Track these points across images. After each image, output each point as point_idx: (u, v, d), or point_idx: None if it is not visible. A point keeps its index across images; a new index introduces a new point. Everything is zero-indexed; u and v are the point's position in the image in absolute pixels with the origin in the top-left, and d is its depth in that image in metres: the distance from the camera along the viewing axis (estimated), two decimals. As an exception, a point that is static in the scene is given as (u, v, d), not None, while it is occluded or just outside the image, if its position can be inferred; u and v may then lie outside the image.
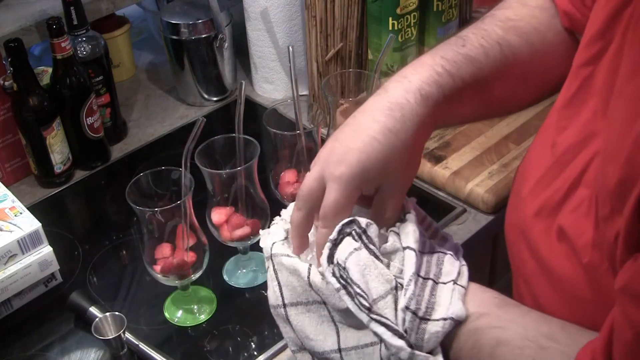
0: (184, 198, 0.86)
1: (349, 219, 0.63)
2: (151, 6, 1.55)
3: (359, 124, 0.65)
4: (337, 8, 1.20)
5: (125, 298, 1.00)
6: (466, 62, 0.69)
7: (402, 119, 0.64)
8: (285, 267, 0.65)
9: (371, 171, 0.63)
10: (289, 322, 0.66)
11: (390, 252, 0.64)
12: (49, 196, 1.19)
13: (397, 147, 0.63)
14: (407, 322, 0.61)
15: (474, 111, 0.75)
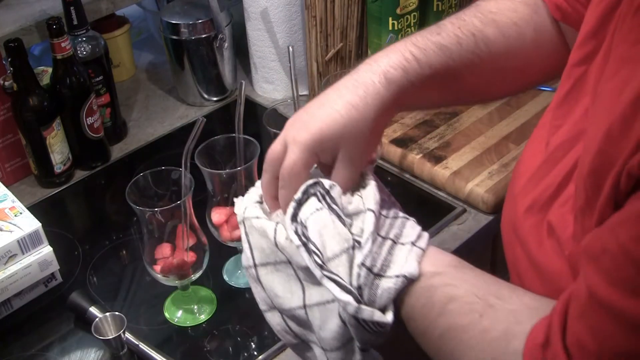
0: (184, 198, 0.86)
1: (314, 180, 0.67)
2: (151, 6, 1.55)
3: (327, 98, 0.70)
4: (337, 8, 1.20)
5: (125, 298, 1.00)
6: (436, 50, 0.72)
7: (365, 97, 0.68)
8: (255, 229, 0.69)
9: (329, 140, 0.67)
10: (260, 282, 0.70)
11: (353, 214, 0.67)
12: (49, 196, 1.19)
13: (356, 121, 0.68)
14: (361, 278, 0.63)
15: (444, 97, 0.77)
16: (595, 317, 0.51)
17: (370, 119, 0.68)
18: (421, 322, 0.65)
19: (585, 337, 0.51)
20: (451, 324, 0.62)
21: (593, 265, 0.51)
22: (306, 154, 0.67)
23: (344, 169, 0.69)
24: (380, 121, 0.69)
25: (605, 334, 0.50)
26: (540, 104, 1.26)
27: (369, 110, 0.68)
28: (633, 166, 0.48)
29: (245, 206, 0.71)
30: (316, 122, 0.68)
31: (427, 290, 0.64)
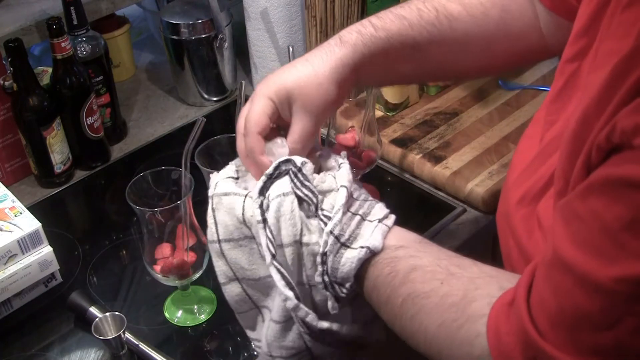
0: (184, 198, 0.86)
1: (286, 157, 0.71)
2: (151, 6, 1.55)
3: (291, 63, 0.76)
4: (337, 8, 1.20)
5: (125, 298, 1.00)
6: (394, 19, 0.77)
7: (320, 55, 0.74)
8: (223, 205, 0.72)
9: (283, 89, 0.73)
10: (224, 256, 0.73)
11: (325, 191, 0.70)
12: (49, 196, 1.19)
13: (309, 74, 0.73)
14: (328, 245, 0.67)
15: (407, 69, 0.81)
16: (558, 277, 0.53)
17: (322, 73, 0.73)
18: (384, 291, 0.67)
19: (547, 296, 0.53)
20: (413, 290, 0.64)
21: (562, 229, 0.53)
22: (263, 101, 0.73)
23: (299, 120, 0.73)
24: (336, 79, 0.73)
25: (566, 294, 0.52)
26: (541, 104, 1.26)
27: (322, 66, 0.73)
28: (601, 139, 0.50)
29: (216, 181, 0.74)
30: (275, 78, 0.74)
31: (391, 261, 0.67)
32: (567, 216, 0.53)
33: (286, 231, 0.69)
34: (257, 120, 0.73)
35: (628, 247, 0.47)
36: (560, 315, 0.52)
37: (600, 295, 0.49)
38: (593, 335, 0.51)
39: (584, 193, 0.51)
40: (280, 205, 0.68)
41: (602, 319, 0.50)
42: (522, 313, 0.55)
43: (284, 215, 0.68)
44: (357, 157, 1.06)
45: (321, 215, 0.69)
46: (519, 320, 0.55)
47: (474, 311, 0.60)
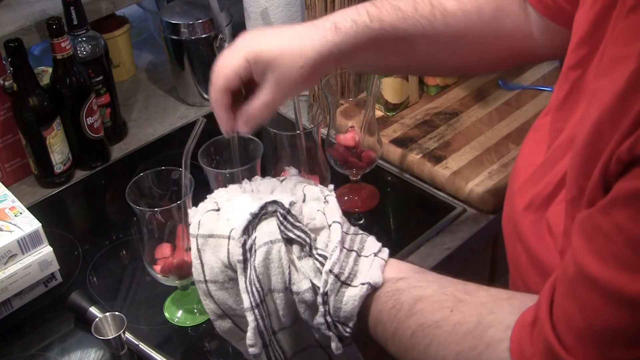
0: (184, 198, 0.86)
1: (273, 198, 0.70)
2: (151, 6, 1.55)
3: (281, 30, 0.76)
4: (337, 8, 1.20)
5: (125, 298, 1.00)
6: (390, 10, 0.77)
7: (310, 35, 0.74)
8: (209, 246, 0.71)
9: (263, 55, 0.73)
10: (211, 296, 0.73)
11: (318, 229, 0.70)
12: (49, 196, 1.19)
13: (294, 52, 0.72)
14: (329, 284, 0.66)
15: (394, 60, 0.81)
16: (584, 295, 0.52)
17: (307, 56, 0.73)
18: (390, 325, 0.65)
19: (572, 313, 0.53)
20: (423, 321, 0.63)
21: (584, 244, 0.52)
22: (239, 60, 0.73)
23: (269, 90, 0.73)
24: (318, 63, 0.73)
25: (595, 311, 0.51)
26: (541, 104, 1.26)
27: (309, 49, 0.73)
28: (622, 151, 0.49)
29: (199, 220, 0.73)
30: (260, 38, 0.75)
31: (394, 294, 0.66)
32: (588, 231, 0.52)
33: (276, 278, 0.69)
34: (227, 75, 0.74)
35: None
36: (589, 331, 0.51)
37: (632, 309, 0.49)
38: (625, 350, 0.50)
39: (607, 207, 0.50)
40: (268, 253, 0.68)
41: (635, 334, 0.49)
42: (546, 331, 0.54)
43: (273, 263, 0.68)
44: (357, 157, 1.06)
45: (316, 254, 0.68)
46: (544, 340, 0.54)
47: (492, 337, 0.58)
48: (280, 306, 0.70)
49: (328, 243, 0.69)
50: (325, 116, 1.10)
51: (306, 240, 0.69)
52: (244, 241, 0.69)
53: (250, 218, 0.69)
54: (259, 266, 0.68)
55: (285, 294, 0.69)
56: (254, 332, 0.69)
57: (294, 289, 0.69)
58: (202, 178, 0.92)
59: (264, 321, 0.69)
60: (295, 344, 0.74)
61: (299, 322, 0.72)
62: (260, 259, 0.68)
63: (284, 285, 0.69)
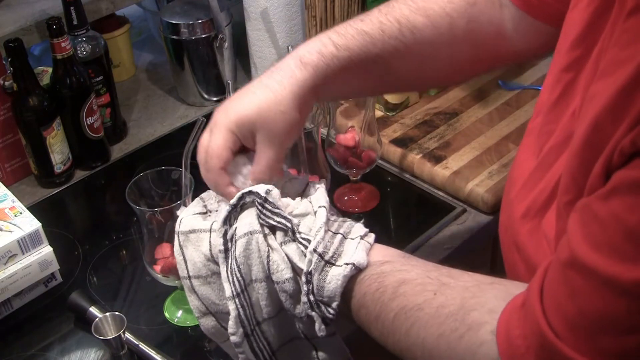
0: (184, 198, 0.86)
1: (249, 188, 0.70)
2: (151, 6, 1.55)
3: (250, 85, 0.74)
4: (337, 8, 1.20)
5: (125, 298, 1.00)
6: (356, 35, 0.75)
7: (280, 79, 0.72)
8: (190, 242, 0.72)
9: (245, 119, 0.71)
10: (195, 292, 0.73)
11: (301, 214, 0.70)
12: (49, 196, 1.19)
13: (271, 102, 0.71)
14: (313, 263, 0.66)
15: (370, 83, 0.80)
16: (576, 281, 0.52)
17: (285, 100, 0.71)
18: (373, 308, 0.66)
19: (563, 299, 0.53)
20: (405, 304, 0.63)
21: (580, 232, 0.52)
22: (225, 135, 0.72)
23: (264, 149, 0.72)
24: (297, 104, 0.72)
25: (587, 297, 0.51)
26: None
27: (284, 92, 0.71)
28: (625, 144, 0.49)
29: (181, 218, 0.74)
30: (235, 106, 0.73)
31: (378, 276, 0.66)
32: (585, 219, 0.52)
33: (257, 267, 0.69)
34: (219, 154, 0.72)
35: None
36: (580, 318, 0.52)
37: (625, 298, 0.49)
38: (617, 339, 0.50)
39: (605, 196, 0.50)
40: (248, 244, 0.68)
41: (627, 322, 0.49)
42: (537, 315, 0.54)
43: (253, 253, 0.69)
44: (357, 157, 1.06)
45: (299, 238, 0.68)
46: (533, 322, 0.54)
47: (474, 320, 0.59)
48: (263, 296, 0.70)
49: (312, 227, 0.69)
50: (325, 116, 1.10)
51: (287, 226, 0.69)
52: (225, 231, 0.69)
53: (230, 209, 0.70)
54: (239, 256, 0.69)
55: (267, 283, 0.69)
56: (235, 321, 0.69)
57: (274, 278, 0.69)
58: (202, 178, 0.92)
59: (245, 311, 0.70)
60: (280, 336, 0.74)
61: (283, 313, 0.72)
62: (240, 249, 0.68)
63: (265, 275, 0.69)
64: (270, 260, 0.69)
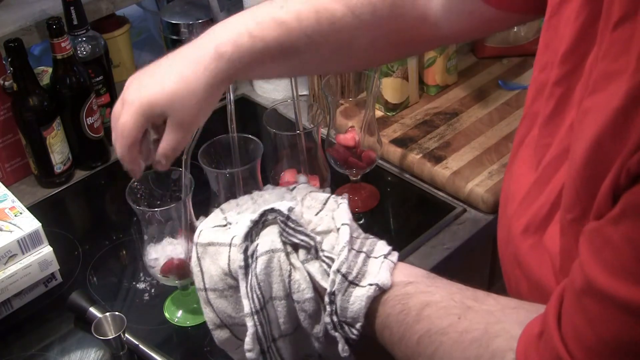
0: (184, 198, 0.86)
1: (271, 205, 0.70)
2: (151, 6, 1.55)
3: (167, 62, 0.76)
4: (337, 8, 1.19)
5: (125, 298, 1.00)
6: (273, 25, 0.76)
7: (195, 69, 0.74)
8: (208, 254, 0.72)
9: (157, 104, 0.73)
10: (210, 304, 0.73)
11: (324, 232, 0.70)
12: (49, 196, 1.19)
13: (184, 91, 0.73)
14: (336, 284, 0.66)
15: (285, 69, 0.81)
16: (594, 307, 0.51)
17: (199, 91, 0.73)
18: (397, 330, 0.65)
19: (583, 328, 0.52)
20: (429, 327, 0.62)
21: (593, 257, 0.51)
22: (136, 117, 0.73)
23: (172, 133, 0.75)
24: (210, 92, 0.74)
25: (605, 324, 0.50)
26: (540, 104, 1.26)
27: (198, 83, 0.73)
28: (632, 164, 0.48)
29: (200, 230, 0.74)
30: (149, 89, 0.74)
31: (402, 298, 0.65)
32: (597, 244, 0.51)
33: (277, 285, 0.69)
34: (129, 134, 0.74)
35: None
36: (599, 344, 0.51)
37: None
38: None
39: (616, 219, 0.50)
40: (270, 261, 0.68)
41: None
42: (556, 344, 0.53)
43: (274, 271, 0.69)
44: (357, 157, 1.06)
45: (322, 256, 0.68)
46: (552, 352, 0.53)
47: (498, 347, 0.58)
48: (282, 314, 0.70)
49: (335, 245, 0.68)
50: (325, 116, 1.10)
51: (310, 244, 0.68)
52: (246, 247, 0.69)
53: (251, 225, 0.70)
54: (260, 274, 0.68)
55: (287, 301, 0.69)
56: (252, 338, 0.69)
57: (295, 297, 0.69)
58: (202, 178, 0.92)
59: (264, 328, 0.70)
60: (294, 353, 0.74)
61: (300, 330, 0.72)
62: (261, 267, 0.68)
63: (285, 293, 0.69)
64: (292, 279, 0.69)
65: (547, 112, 0.67)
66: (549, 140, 0.67)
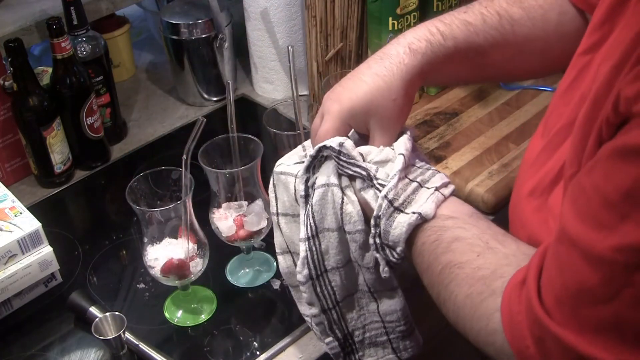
0: (184, 198, 0.86)
1: (323, 143, 0.74)
2: (151, 6, 1.55)
3: (358, 71, 0.76)
4: (337, 8, 1.20)
5: (125, 298, 1.00)
6: (461, 26, 0.77)
7: (390, 66, 0.74)
8: (281, 182, 0.78)
9: (358, 107, 0.74)
10: (280, 229, 0.80)
11: (381, 162, 0.73)
12: (49, 196, 1.19)
13: (381, 88, 0.73)
14: (382, 209, 0.70)
15: (469, 72, 0.82)
16: (564, 255, 0.53)
17: (396, 87, 0.74)
18: (427, 258, 0.69)
19: (554, 273, 0.55)
20: (451, 260, 0.66)
21: (570, 205, 0.54)
22: (338, 123, 0.75)
23: (378, 136, 0.75)
24: (407, 89, 0.75)
25: (571, 269, 0.53)
26: (541, 104, 1.26)
27: (394, 79, 0.74)
28: (609, 112, 0.50)
29: (280, 161, 0.80)
30: (347, 93, 0.75)
31: (438, 229, 0.69)
32: (574, 192, 0.54)
33: (330, 217, 0.74)
34: None
35: (627, 216, 0.48)
36: (565, 291, 0.53)
37: (601, 267, 0.50)
38: (594, 309, 0.51)
39: (590, 169, 0.52)
40: (325, 194, 0.73)
41: (602, 292, 0.50)
42: (531, 292, 0.56)
43: (328, 204, 0.73)
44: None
45: (376, 184, 0.72)
46: (528, 300, 0.56)
47: (499, 287, 0.61)
48: (333, 245, 0.75)
49: (389, 173, 0.72)
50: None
51: (362, 174, 0.72)
52: (307, 178, 0.75)
53: (311, 159, 0.74)
54: (315, 204, 0.74)
55: (339, 233, 0.74)
56: (302, 262, 0.75)
57: (346, 228, 0.74)
58: (202, 178, 0.92)
59: (313, 255, 0.75)
60: (345, 287, 0.78)
61: (350, 266, 0.77)
62: (316, 198, 0.73)
63: (338, 225, 0.74)
64: (344, 211, 0.73)
65: (567, 81, 0.70)
66: (563, 110, 0.69)
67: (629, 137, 0.48)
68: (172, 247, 0.90)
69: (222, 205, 0.93)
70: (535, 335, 0.55)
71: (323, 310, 0.78)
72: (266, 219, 0.94)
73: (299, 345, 0.92)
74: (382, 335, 0.82)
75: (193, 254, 0.90)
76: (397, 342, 0.82)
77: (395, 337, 0.82)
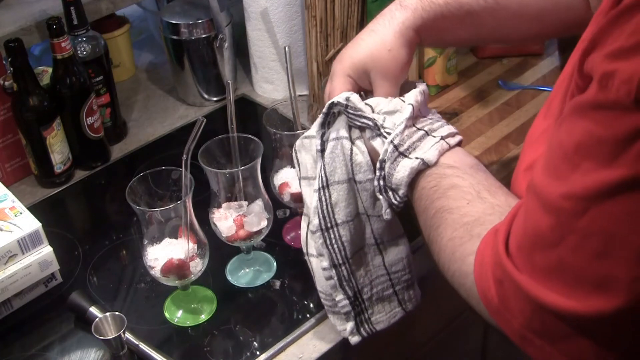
0: (184, 198, 0.86)
1: (332, 99, 0.79)
2: (151, 6, 1.55)
3: (359, 34, 0.83)
4: (337, 8, 1.20)
5: (125, 298, 1.00)
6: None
7: (383, 21, 0.81)
8: (304, 147, 0.83)
9: (357, 63, 0.80)
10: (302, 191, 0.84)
11: (389, 112, 0.77)
12: (49, 196, 1.19)
13: (376, 42, 0.80)
14: (387, 153, 0.74)
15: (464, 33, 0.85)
16: (529, 204, 0.57)
17: (389, 39, 0.79)
18: (424, 202, 0.73)
19: (520, 221, 0.58)
20: (443, 205, 0.70)
21: (541, 159, 0.57)
22: (342, 79, 0.81)
23: (379, 87, 0.80)
24: (403, 40, 0.80)
25: (531, 216, 0.56)
26: (541, 104, 1.26)
27: (386, 31, 0.79)
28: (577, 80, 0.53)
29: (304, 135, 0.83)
30: (347, 52, 0.82)
31: (438, 176, 0.73)
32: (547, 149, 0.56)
33: (340, 170, 0.78)
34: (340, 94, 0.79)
35: (577, 166, 0.51)
36: (524, 237, 0.56)
37: (551, 213, 0.53)
38: (543, 254, 0.54)
39: (557, 125, 0.55)
40: (335, 147, 0.78)
41: (551, 237, 0.53)
42: (499, 238, 0.59)
43: (338, 157, 0.78)
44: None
45: (384, 132, 0.76)
46: (495, 245, 0.59)
47: (478, 233, 0.64)
48: (342, 197, 0.79)
49: (396, 122, 0.76)
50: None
51: (369, 124, 0.77)
52: (322, 134, 0.80)
53: (324, 116, 0.79)
54: (326, 157, 0.78)
55: (349, 184, 0.79)
56: (314, 211, 0.79)
57: (357, 178, 0.78)
58: (202, 178, 0.92)
59: (323, 205, 0.79)
60: (354, 242, 0.81)
61: (358, 219, 0.81)
62: (328, 152, 0.78)
63: (348, 177, 0.78)
64: (354, 162, 0.78)
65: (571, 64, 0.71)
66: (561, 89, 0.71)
67: (586, 94, 0.51)
68: (172, 247, 0.90)
69: (222, 205, 0.93)
70: (497, 278, 0.58)
71: (333, 265, 0.81)
72: (266, 219, 0.94)
73: (299, 345, 0.92)
74: (389, 288, 0.85)
75: (193, 254, 0.90)
76: (402, 293, 0.86)
77: (400, 288, 0.86)
